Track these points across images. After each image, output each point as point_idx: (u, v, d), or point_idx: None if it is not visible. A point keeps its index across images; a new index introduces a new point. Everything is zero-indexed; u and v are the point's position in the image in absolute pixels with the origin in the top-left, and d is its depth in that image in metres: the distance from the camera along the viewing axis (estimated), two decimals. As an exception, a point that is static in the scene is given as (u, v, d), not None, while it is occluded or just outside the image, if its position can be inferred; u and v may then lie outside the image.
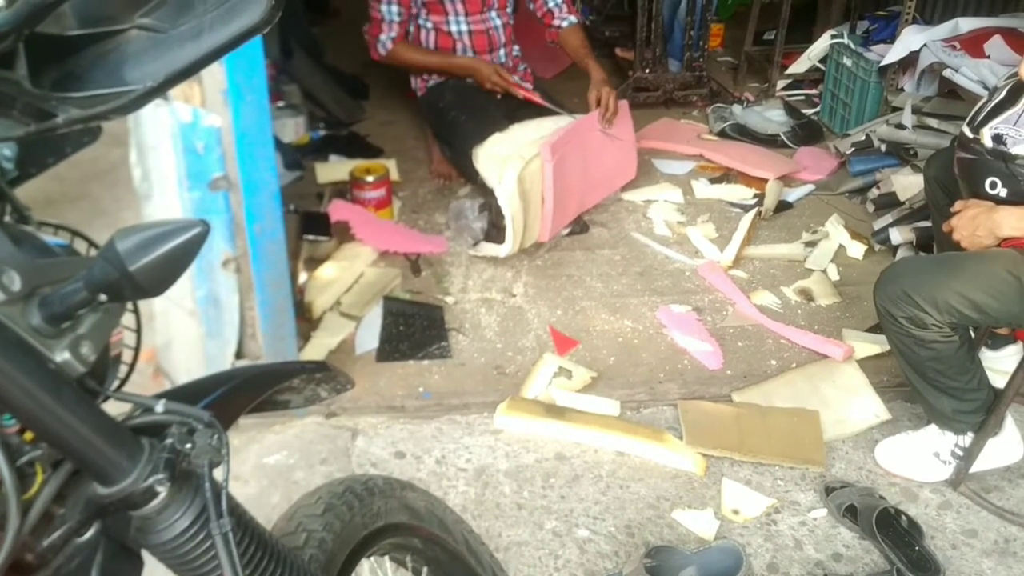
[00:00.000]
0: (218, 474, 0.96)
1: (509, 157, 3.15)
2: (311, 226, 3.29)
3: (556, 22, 3.77)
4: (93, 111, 0.75)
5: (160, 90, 0.73)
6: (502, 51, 3.80)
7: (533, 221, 3.22)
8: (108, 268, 0.81)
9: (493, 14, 3.76)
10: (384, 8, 3.56)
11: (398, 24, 3.59)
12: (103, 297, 0.83)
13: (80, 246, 1.03)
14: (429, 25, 3.65)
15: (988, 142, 2.23)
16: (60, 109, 0.74)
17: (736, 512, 2.36)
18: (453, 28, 3.67)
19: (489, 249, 3.25)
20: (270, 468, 2.47)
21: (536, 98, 3.60)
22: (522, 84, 3.68)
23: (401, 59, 3.66)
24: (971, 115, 2.32)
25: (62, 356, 0.85)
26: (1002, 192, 2.23)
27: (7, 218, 0.93)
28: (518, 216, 3.13)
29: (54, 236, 1.01)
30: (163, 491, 0.91)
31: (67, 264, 0.91)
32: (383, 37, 3.60)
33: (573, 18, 3.78)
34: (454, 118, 3.57)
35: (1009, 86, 2.28)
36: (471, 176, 3.45)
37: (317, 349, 2.81)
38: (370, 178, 3.43)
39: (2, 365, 0.79)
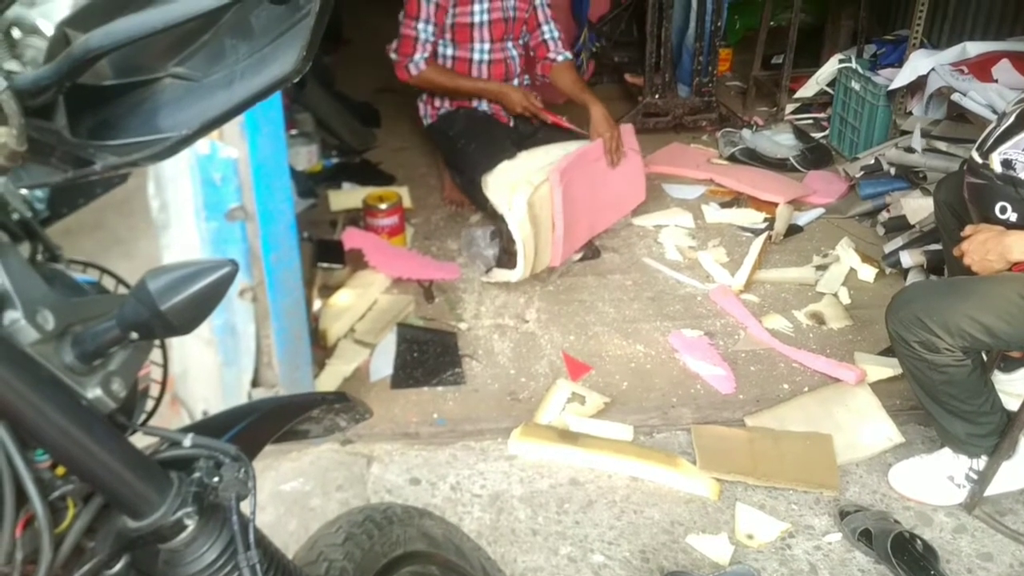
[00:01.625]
0: (245, 506, 0.97)
1: (518, 183, 3.18)
2: (325, 254, 3.32)
3: (551, 55, 3.81)
4: (130, 158, 0.77)
5: (195, 137, 0.76)
6: (515, 81, 3.84)
7: (544, 246, 3.24)
8: (140, 307, 0.83)
9: (510, 44, 3.80)
10: (421, 26, 3.57)
11: (431, 44, 3.61)
12: (134, 335, 0.85)
13: (107, 283, 1.05)
14: (449, 52, 3.68)
15: (997, 167, 2.24)
16: (98, 157, 0.77)
17: (750, 537, 2.37)
18: (475, 56, 3.71)
19: (501, 275, 3.27)
20: (287, 495, 2.48)
21: (563, 122, 3.64)
22: (548, 109, 3.71)
23: (431, 81, 3.66)
24: (980, 140, 2.34)
25: (94, 393, 0.87)
26: (1012, 216, 2.24)
27: (39, 257, 0.96)
28: (529, 241, 3.15)
29: (83, 273, 1.04)
30: (191, 524, 0.93)
31: (98, 302, 0.93)
32: (416, 57, 3.60)
33: (568, 54, 3.83)
34: (463, 146, 3.61)
35: (1018, 111, 2.29)
36: (481, 203, 3.47)
37: (332, 376, 2.83)
38: (383, 206, 3.46)
39: (37, 403, 0.81)
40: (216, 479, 0.95)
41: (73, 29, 0.73)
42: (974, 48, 3.70)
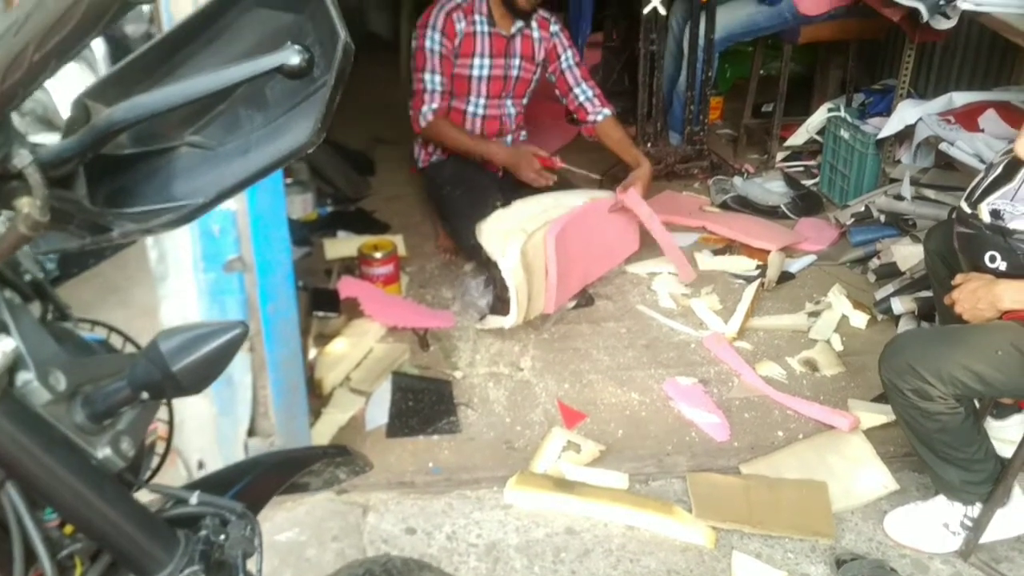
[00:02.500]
0: (251, 565, 0.98)
1: (512, 231, 3.21)
2: (320, 302, 3.33)
3: (591, 117, 3.87)
4: (146, 225, 0.79)
5: (211, 206, 0.77)
6: (509, 137, 3.90)
7: (537, 293, 3.26)
8: (151, 368, 0.84)
9: (509, 102, 3.86)
10: (428, 77, 3.62)
11: (440, 94, 3.65)
12: (145, 395, 0.87)
13: (115, 341, 1.07)
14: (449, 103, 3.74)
15: (986, 217, 2.27)
16: (115, 224, 0.79)
17: (747, 586, 2.37)
18: (470, 108, 3.77)
19: (495, 321, 3.29)
20: (282, 546, 2.47)
21: (563, 165, 3.74)
22: (558, 165, 3.77)
23: (439, 133, 3.70)
24: (968, 190, 2.37)
25: (103, 452, 0.88)
26: (1002, 265, 2.27)
27: (49, 316, 0.97)
28: (522, 288, 3.17)
29: (90, 331, 1.05)
30: None
31: (107, 361, 0.95)
32: (425, 109, 3.64)
33: (607, 111, 3.87)
34: (449, 193, 3.65)
35: (1005, 162, 2.33)
36: (469, 251, 3.49)
37: (328, 425, 2.83)
38: (378, 254, 3.47)
39: (48, 464, 0.82)
40: (223, 536, 0.96)
41: (93, 100, 0.75)
42: (960, 98, 3.76)
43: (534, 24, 3.79)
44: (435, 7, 3.65)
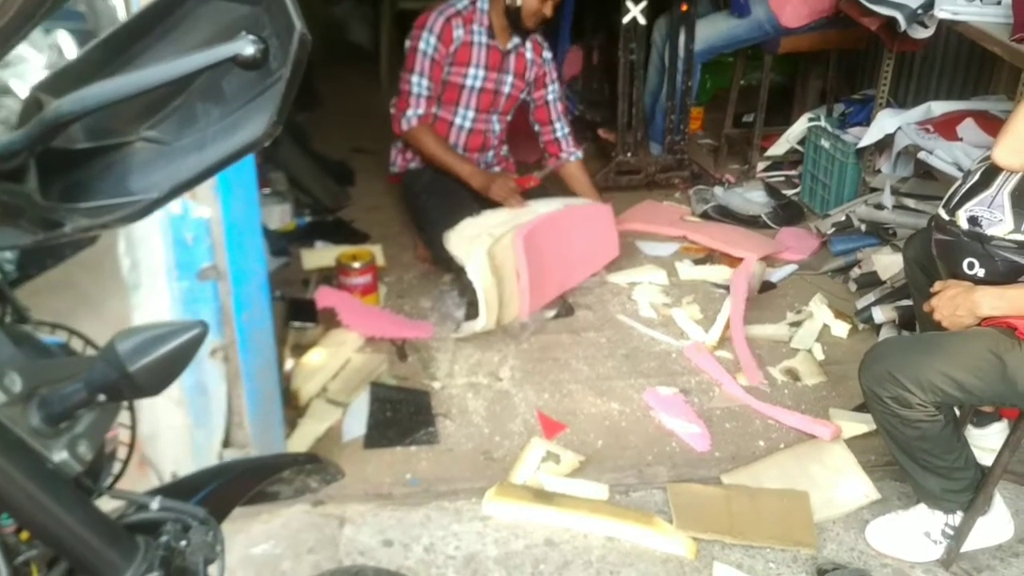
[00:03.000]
0: (213, 570, 0.96)
1: (479, 236, 3.23)
2: (297, 312, 3.31)
3: (563, 156, 3.93)
4: (100, 220, 0.77)
5: (165, 200, 0.76)
6: (491, 152, 3.91)
7: (510, 298, 3.24)
8: (108, 369, 0.82)
9: (495, 118, 3.85)
10: (415, 80, 3.62)
11: (425, 99, 3.64)
12: (102, 397, 0.85)
13: (76, 344, 1.05)
14: (434, 111, 3.73)
15: (964, 224, 2.28)
16: (68, 219, 0.77)
17: (728, 596, 2.35)
18: (456, 120, 3.76)
19: (468, 327, 3.28)
20: (257, 558, 2.44)
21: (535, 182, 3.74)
22: (533, 184, 3.76)
23: (419, 140, 3.69)
24: (946, 198, 2.38)
25: (60, 456, 0.86)
26: (980, 272, 2.27)
27: (7, 318, 0.95)
28: (491, 291, 3.17)
29: (51, 334, 1.03)
30: None
31: (65, 364, 0.93)
32: (410, 112, 3.63)
33: (579, 153, 3.94)
34: (425, 202, 3.64)
35: (982, 169, 2.34)
36: (443, 260, 3.48)
37: (304, 436, 2.80)
38: (356, 264, 3.45)
39: (3, 466, 0.80)
40: (184, 542, 0.94)
41: (46, 94, 0.73)
42: (939, 108, 3.77)
43: (528, 44, 3.79)
44: (435, 10, 3.63)
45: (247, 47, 0.67)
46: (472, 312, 3.28)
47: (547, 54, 3.87)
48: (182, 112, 0.77)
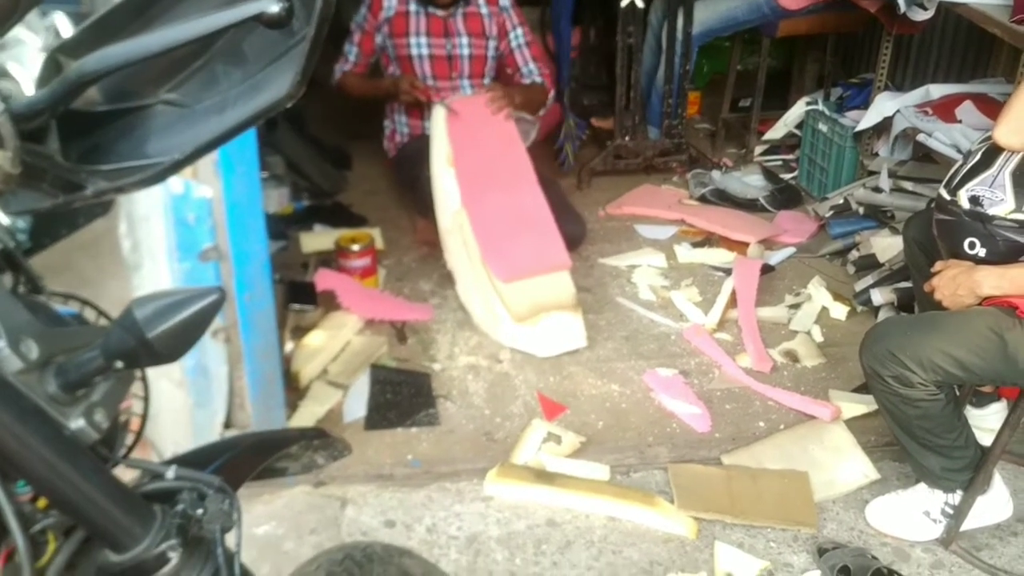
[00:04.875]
0: (229, 539, 0.96)
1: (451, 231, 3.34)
2: (297, 295, 3.30)
3: (524, 75, 3.92)
4: (121, 183, 0.76)
5: (186, 162, 0.75)
6: None
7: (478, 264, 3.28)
8: (126, 336, 0.82)
9: (466, 82, 3.83)
10: (347, 48, 3.83)
11: (352, 64, 3.83)
12: (119, 364, 0.84)
13: (88, 315, 1.04)
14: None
15: (965, 204, 2.28)
16: (89, 181, 0.76)
17: (730, 575, 2.36)
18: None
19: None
20: (259, 538, 2.45)
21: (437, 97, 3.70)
22: (439, 93, 3.76)
23: (346, 85, 3.88)
24: (947, 178, 2.38)
25: (77, 423, 0.85)
26: (981, 252, 2.28)
27: (20, 288, 0.94)
28: (458, 265, 3.31)
29: (64, 305, 1.03)
30: (175, 557, 0.91)
31: (80, 332, 0.92)
32: (337, 67, 3.86)
33: (541, 80, 3.91)
34: (419, 174, 3.61)
35: (983, 149, 2.34)
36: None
37: (305, 418, 2.80)
38: (355, 247, 3.45)
39: (20, 433, 0.79)
40: (200, 511, 0.94)
41: (65, 56, 0.72)
42: (937, 91, 3.76)
43: (480, 1, 3.80)
44: None
45: (272, 5, 0.66)
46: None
47: (504, 1, 3.86)
48: (203, 74, 0.77)
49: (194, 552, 0.93)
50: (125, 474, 0.97)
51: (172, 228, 2.25)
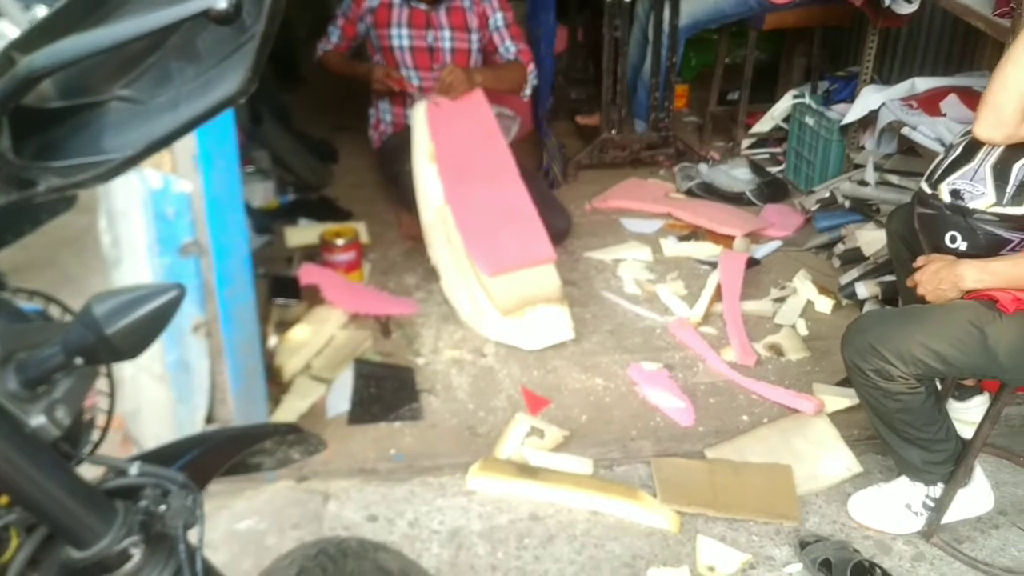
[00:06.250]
0: (192, 536, 0.96)
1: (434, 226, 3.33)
2: (281, 289, 3.29)
3: (500, 53, 3.91)
4: (73, 179, 0.76)
5: (139, 158, 0.75)
6: None
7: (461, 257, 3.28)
8: (85, 332, 0.82)
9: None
10: (331, 30, 3.87)
11: (335, 44, 3.87)
12: (79, 360, 0.84)
13: (54, 312, 1.04)
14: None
15: (946, 197, 2.28)
16: (41, 178, 0.76)
17: (712, 569, 2.36)
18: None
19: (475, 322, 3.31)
20: (241, 534, 2.44)
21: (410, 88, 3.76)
22: (413, 86, 3.78)
23: (327, 62, 3.91)
24: (929, 171, 2.38)
25: (38, 420, 0.85)
26: (962, 246, 2.28)
27: (-18, 285, 0.94)
28: (442, 261, 3.30)
29: (28, 302, 1.02)
30: (137, 553, 0.92)
31: (43, 329, 0.92)
32: (320, 46, 3.90)
33: (516, 57, 3.88)
34: (401, 168, 3.59)
35: (964, 143, 2.34)
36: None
37: (288, 413, 2.80)
38: (340, 241, 3.44)
39: None
40: (163, 507, 0.94)
41: (19, 52, 0.72)
42: (923, 84, 3.77)
43: None
44: None
45: (219, 1, 0.66)
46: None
47: None
48: (156, 70, 0.77)
49: (157, 549, 0.93)
50: (91, 471, 0.97)
51: (152, 223, 2.25)
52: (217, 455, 1.20)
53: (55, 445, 0.88)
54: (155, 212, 2.23)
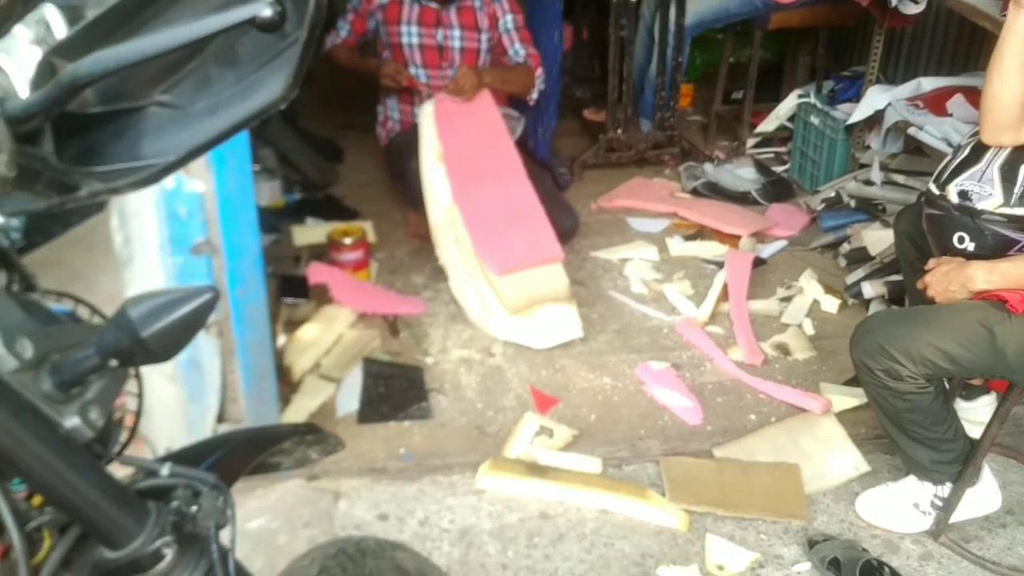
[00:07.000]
0: (224, 536, 0.97)
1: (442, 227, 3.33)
2: (289, 289, 3.30)
3: (509, 55, 3.90)
4: (114, 184, 0.77)
5: (179, 164, 0.76)
6: None
7: (469, 256, 3.28)
8: (120, 334, 0.82)
9: (454, 72, 3.83)
10: (341, 23, 3.88)
11: (344, 38, 3.87)
12: (114, 362, 0.85)
13: (82, 313, 1.05)
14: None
15: (954, 198, 2.29)
16: (83, 183, 0.77)
17: (721, 568, 2.37)
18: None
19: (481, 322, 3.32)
20: (253, 533, 2.45)
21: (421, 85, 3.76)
22: (422, 84, 3.79)
23: (334, 57, 3.89)
24: (937, 172, 2.39)
25: (72, 421, 0.86)
26: (970, 246, 2.29)
27: (14, 286, 0.95)
28: (450, 261, 3.31)
29: (57, 303, 1.03)
30: (170, 554, 0.92)
31: (74, 330, 0.93)
32: (328, 39, 3.89)
33: (524, 61, 3.87)
34: (407, 166, 3.61)
35: (972, 144, 2.35)
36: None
37: (298, 411, 2.81)
38: (348, 240, 3.45)
39: (16, 431, 0.80)
40: (195, 508, 0.94)
41: (59, 58, 0.73)
42: (928, 84, 3.77)
43: None
44: None
45: (265, 9, 0.67)
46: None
47: None
48: (196, 76, 0.77)
49: (189, 549, 0.94)
50: (120, 471, 0.97)
51: (164, 222, 2.25)
52: (240, 456, 1.20)
53: (87, 445, 0.89)
54: (167, 211, 2.23)
